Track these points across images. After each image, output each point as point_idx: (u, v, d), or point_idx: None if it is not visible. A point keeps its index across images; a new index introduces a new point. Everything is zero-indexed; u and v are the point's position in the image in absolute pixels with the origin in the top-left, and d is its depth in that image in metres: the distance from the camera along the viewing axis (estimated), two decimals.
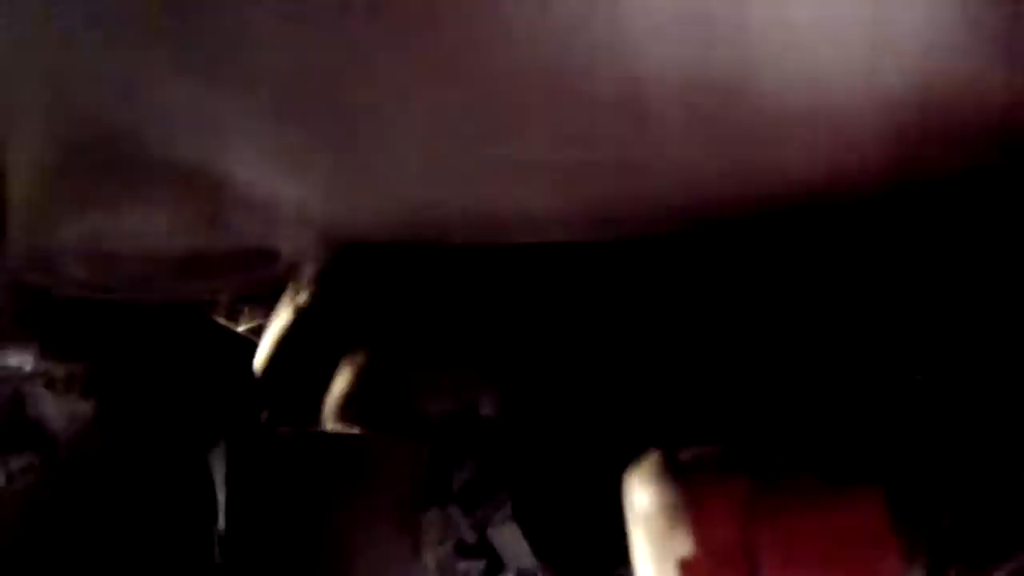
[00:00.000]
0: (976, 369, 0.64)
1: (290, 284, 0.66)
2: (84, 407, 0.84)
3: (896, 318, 0.69)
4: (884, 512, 0.54)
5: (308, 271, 0.55)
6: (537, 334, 0.87)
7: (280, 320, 0.95)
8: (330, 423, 0.81)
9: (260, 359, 0.94)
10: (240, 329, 1.07)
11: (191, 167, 0.43)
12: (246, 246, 0.54)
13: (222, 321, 1.05)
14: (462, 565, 1.10)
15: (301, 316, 0.94)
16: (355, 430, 0.80)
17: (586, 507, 0.91)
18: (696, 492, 0.51)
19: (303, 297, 0.96)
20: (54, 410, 0.84)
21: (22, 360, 0.80)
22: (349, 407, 0.82)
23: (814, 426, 0.59)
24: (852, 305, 0.69)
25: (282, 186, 0.47)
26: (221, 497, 0.83)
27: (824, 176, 0.52)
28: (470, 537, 0.99)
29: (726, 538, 0.50)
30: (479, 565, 1.11)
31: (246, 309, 1.02)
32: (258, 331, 0.99)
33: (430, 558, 1.07)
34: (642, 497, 0.53)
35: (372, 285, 0.95)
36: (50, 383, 0.83)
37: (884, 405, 0.63)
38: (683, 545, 0.50)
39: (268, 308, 0.98)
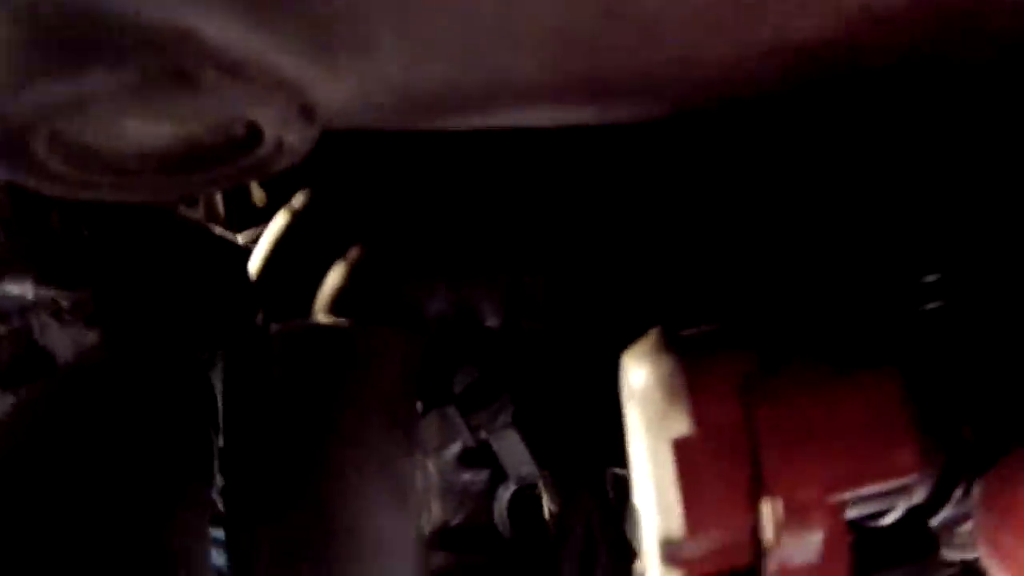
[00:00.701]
0: (997, 264, 0.60)
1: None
2: (90, 336, 0.83)
3: (914, 212, 0.66)
4: (901, 400, 0.50)
5: (294, 157, 0.53)
6: (540, 229, 0.84)
7: (277, 223, 0.93)
8: (320, 317, 0.79)
9: (256, 262, 0.92)
10: (240, 240, 1.05)
11: (154, 23, 0.40)
12: (226, 121, 0.50)
13: (220, 232, 1.04)
14: (466, 475, 1.09)
15: (296, 217, 0.92)
16: (345, 322, 0.77)
17: (586, 408, 0.89)
18: (696, 368, 0.47)
19: (299, 200, 0.93)
20: (61, 340, 0.83)
21: (22, 289, 0.79)
22: (341, 301, 0.79)
23: (829, 308, 0.55)
24: (869, 193, 0.65)
25: (253, 47, 0.43)
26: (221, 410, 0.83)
27: (829, 46, 0.48)
28: (468, 440, 0.97)
29: (726, 417, 0.46)
30: (483, 476, 1.10)
31: None
32: (255, 241, 0.97)
33: (431, 464, 1.06)
34: (638, 374, 0.49)
35: (368, 182, 0.92)
36: (56, 313, 0.82)
37: (904, 296, 0.60)
38: (679, 423, 0.45)
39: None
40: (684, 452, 0.45)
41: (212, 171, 0.54)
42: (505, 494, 1.11)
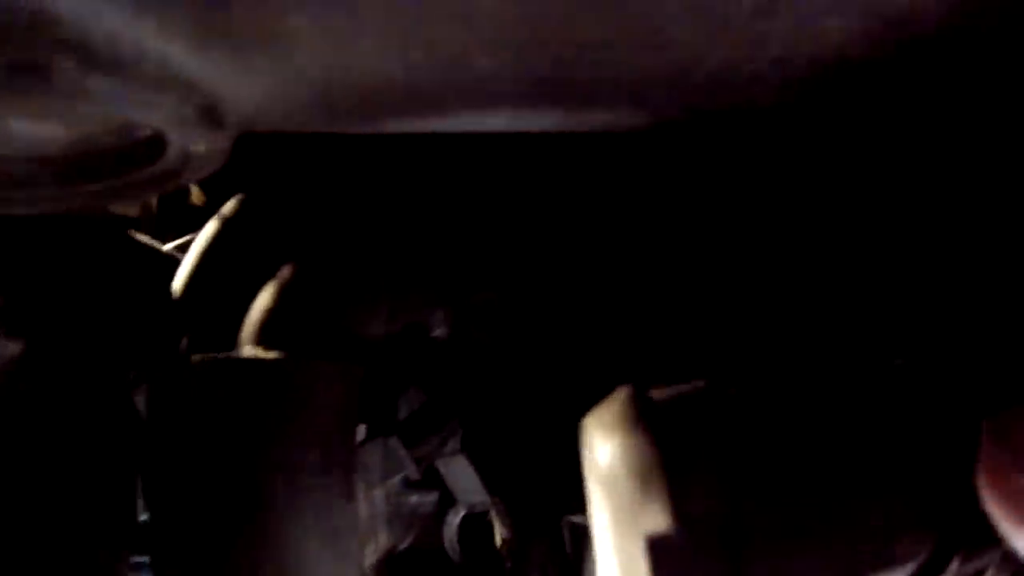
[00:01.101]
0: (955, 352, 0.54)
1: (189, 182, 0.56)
2: (12, 347, 0.76)
3: (882, 293, 0.59)
4: (891, 495, 0.43)
5: (206, 165, 0.45)
6: (497, 243, 0.76)
7: (205, 233, 0.84)
8: (247, 347, 0.70)
9: (180, 278, 0.83)
10: (167, 248, 0.97)
11: None
12: (116, 125, 0.45)
13: (145, 239, 0.96)
14: (413, 499, 1.04)
15: (225, 228, 0.83)
16: (274, 354, 0.68)
17: (543, 441, 0.81)
18: (675, 449, 0.39)
19: (229, 207, 0.85)
20: None
21: None
22: (271, 327, 0.70)
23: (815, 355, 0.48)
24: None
25: (128, 35, 0.37)
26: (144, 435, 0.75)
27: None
28: (413, 473, 0.89)
29: (709, 510, 0.38)
30: (431, 498, 1.04)
31: None
32: (185, 248, 0.89)
33: (377, 494, 0.99)
34: (606, 449, 0.41)
35: (301, 189, 0.84)
36: None
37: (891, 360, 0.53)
38: (655, 517, 0.37)
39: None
40: (660, 552, 0.37)
41: (114, 181, 0.48)
42: (455, 519, 1.06)
